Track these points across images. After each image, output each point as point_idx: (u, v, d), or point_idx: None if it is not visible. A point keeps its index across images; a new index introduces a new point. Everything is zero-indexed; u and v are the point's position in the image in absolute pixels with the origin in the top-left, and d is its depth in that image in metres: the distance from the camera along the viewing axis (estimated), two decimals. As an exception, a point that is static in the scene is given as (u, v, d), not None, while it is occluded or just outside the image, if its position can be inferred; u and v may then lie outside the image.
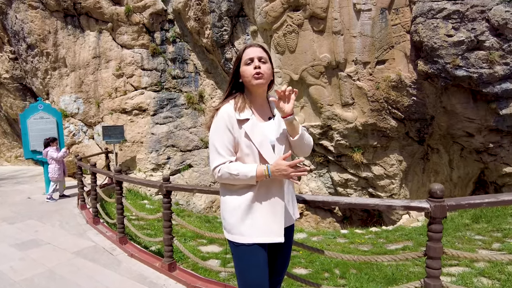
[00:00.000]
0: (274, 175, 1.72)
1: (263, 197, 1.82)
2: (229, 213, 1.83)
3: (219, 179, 1.80)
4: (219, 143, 1.78)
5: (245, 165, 1.76)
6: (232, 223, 1.81)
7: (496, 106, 7.05)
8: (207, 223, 8.26)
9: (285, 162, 1.70)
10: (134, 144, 9.23)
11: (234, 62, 1.92)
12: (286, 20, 8.37)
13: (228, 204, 1.84)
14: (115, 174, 4.46)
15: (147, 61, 9.48)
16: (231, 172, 1.74)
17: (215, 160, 1.79)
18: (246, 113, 1.81)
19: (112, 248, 4.56)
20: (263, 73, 1.82)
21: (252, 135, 1.78)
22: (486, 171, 8.18)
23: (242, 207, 1.79)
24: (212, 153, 1.82)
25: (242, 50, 1.88)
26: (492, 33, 6.67)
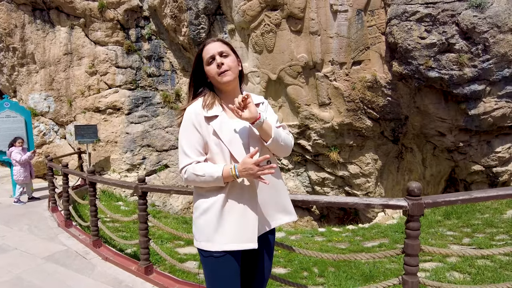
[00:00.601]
0: (242, 175, 1.59)
1: (235, 199, 1.67)
2: (198, 218, 1.69)
3: (186, 181, 1.67)
4: (186, 144, 1.69)
5: (211, 165, 1.65)
6: (201, 228, 1.68)
7: (466, 106, 7.33)
8: (184, 224, 8.13)
9: (252, 160, 1.56)
10: (108, 144, 8.95)
11: (194, 61, 1.80)
12: (264, 20, 8.36)
13: (198, 207, 1.71)
14: (88, 175, 4.29)
15: (121, 58, 9.21)
16: (197, 173, 1.62)
17: (182, 161, 1.69)
18: (215, 109, 1.69)
19: (85, 252, 4.39)
20: (228, 68, 1.70)
21: (220, 132, 1.66)
22: (456, 169, 8.49)
23: (211, 211, 1.65)
24: (180, 155, 1.72)
25: (201, 49, 1.76)
26: (461, 37, 6.93)
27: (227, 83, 1.72)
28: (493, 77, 7.03)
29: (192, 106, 1.71)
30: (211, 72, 1.71)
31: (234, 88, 1.80)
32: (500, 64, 6.94)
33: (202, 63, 1.76)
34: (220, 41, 1.75)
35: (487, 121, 7.34)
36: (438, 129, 7.98)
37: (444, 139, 8.04)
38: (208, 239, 1.65)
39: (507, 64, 6.97)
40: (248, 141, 1.71)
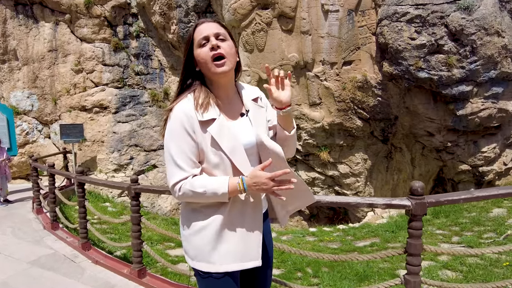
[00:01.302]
0: (251, 189, 1.34)
1: (236, 215, 1.43)
2: (194, 236, 1.44)
3: (181, 198, 1.39)
4: (177, 153, 1.37)
5: (213, 179, 1.38)
6: (198, 247, 1.44)
7: (454, 107, 7.44)
8: (173, 225, 8.00)
9: (264, 174, 1.31)
10: (95, 144, 8.73)
11: (185, 46, 1.44)
12: (254, 18, 8.30)
13: (191, 224, 1.46)
14: (77, 176, 4.14)
15: (108, 56, 9.00)
16: (196, 190, 1.35)
17: (173, 175, 1.38)
18: (211, 111, 1.38)
19: (74, 255, 4.24)
20: (225, 54, 1.37)
21: (220, 140, 1.37)
22: (444, 168, 8.63)
23: (209, 230, 1.41)
24: (169, 166, 1.39)
25: (193, 28, 1.42)
26: (450, 38, 7.03)
27: (223, 74, 1.39)
28: (480, 78, 7.16)
29: (181, 105, 1.38)
30: (202, 56, 1.37)
31: (229, 81, 1.48)
32: (486, 65, 7.07)
33: (192, 46, 1.42)
34: (217, 22, 1.44)
35: (474, 122, 7.47)
36: (427, 129, 8.08)
37: (432, 139, 8.15)
38: (207, 259, 1.43)
39: (493, 66, 7.11)
40: (256, 147, 1.48)
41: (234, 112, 1.49)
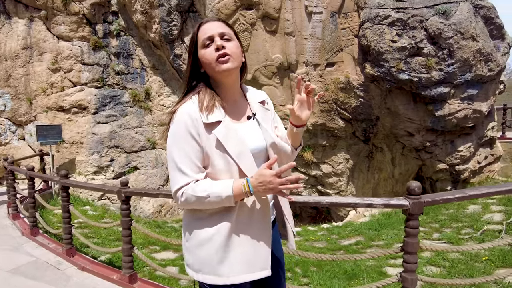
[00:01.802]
0: (257, 190, 1.27)
1: (245, 221, 1.36)
2: (198, 247, 1.37)
3: (184, 204, 1.33)
4: (180, 157, 1.31)
5: (216, 183, 1.31)
6: (203, 260, 1.36)
7: (433, 108, 7.70)
8: (157, 228, 7.85)
9: (269, 171, 1.25)
10: (73, 145, 8.43)
11: (189, 47, 1.40)
12: (238, 19, 8.28)
13: (195, 234, 1.38)
14: (61, 179, 3.98)
15: (87, 55, 8.71)
16: (198, 194, 1.28)
17: (176, 181, 1.32)
18: (216, 113, 1.33)
19: (58, 262, 4.07)
20: (230, 54, 1.33)
21: (226, 143, 1.32)
22: (423, 167, 8.90)
23: (216, 239, 1.33)
24: (171, 172, 1.34)
25: (197, 28, 1.38)
26: (429, 41, 7.27)
27: (227, 71, 1.34)
28: (457, 80, 7.45)
29: (184, 107, 1.33)
30: (206, 57, 1.33)
31: (235, 81, 1.44)
32: (462, 68, 7.36)
33: (196, 46, 1.38)
34: (221, 21, 1.40)
35: (451, 122, 7.76)
36: (407, 129, 8.32)
37: (412, 139, 8.39)
38: (214, 272, 1.35)
39: (468, 69, 7.41)
40: (264, 152, 1.43)
41: (240, 115, 1.45)
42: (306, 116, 1.45)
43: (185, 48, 8.99)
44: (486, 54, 7.38)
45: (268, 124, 1.50)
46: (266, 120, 1.50)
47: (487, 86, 7.79)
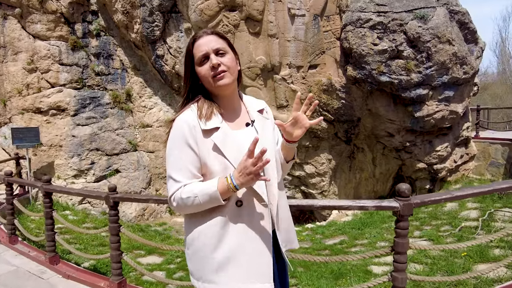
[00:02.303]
0: (239, 182, 1.26)
1: (242, 231, 1.34)
2: (195, 253, 1.38)
3: (178, 209, 1.36)
4: (174, 165, 1.35)
5: (202, 182, 1.34)
6: (200, 266, 1.36)
7: (412, 109, 7.93)
8: (140, 232, 7.72)
9: (243, 158, 1.26)
10: (52, 148, 8.16)
11: (185, 62, 1.44)
12: (222, 20, 8.25)
13: (194, 242, 1.38)
14: (44, 185, 3.86)
15: (66, 55, 8.45)
16: (185, 195, 1.30)
17: (169, 188, 1.37)
18: (214, 120, 1.36)
19: (40, 271, 3.93)
20: (226, 69, 1.37)
21: (224, 148, 1.34)
22: (403, 167, 9.16)
23: (211, 243, 1.33)
24: (167, 180, 1.40)
25: (191, 43, 1.41)
26: (408, 45, 7.49)
27: (224, 87, 1.38)
28: (435, 82, 7.71)
29: (183, 116, 1.36)
30: (203, 74, 1.38)
31: (233, 91, 1.47)
32: (440, 71, 7.62)
33: (192, 61, 1.42)
34: (215, 34, 1.42)
35: (429, 122, 8.02)
36: (388, 130, 8.54)
37: (392, 139, 8.62)
38: (210, 279, 1.35)
39: (445, 71, 7.68)
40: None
41: (238, 122, 1.47)
42: (298, 134, 1.45)
43: (167, 49, 8.89)
44: (462, 58, 7.67)
45: (267, 132, 1.51)
46: (265, 128, 1.51)
47: (462, 88, 8.10)
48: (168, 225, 8.61)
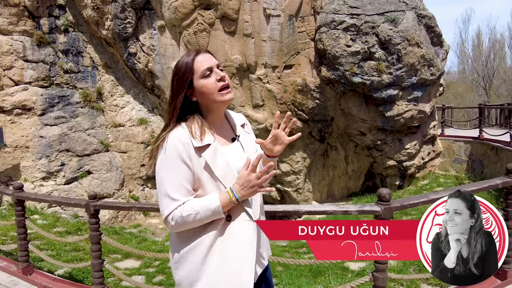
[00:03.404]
0: (241, 194, 1.34)
1: (230, 235, 1.40)
2: (183, 267, 1.41)
3: (176, 228, 1.37)
4: (171, 184, 1.35)
5: (201, 198, 1.37)
6: (187, 277, 1.40)
7: (383, 109, 8.23)
8: (115, 235, 7.54)
9: (245, 172, 1.35)
10: (17, 150, 7.74)
11: (182, 77, 1.42)
12: (197, 18, 8.15)
13: (186, 253, 1.41)
14: (15, 192, 3.68)
15: (31, 51, 8.02)
16: (186, 213, 1.33)
17: (166, 207, 1.35)
18: (206, 137, 1.40)
19: (12, 283, 3.76)
20: (230, 85, 1.45)
21: (214, 166, 1.38)
22: (374, 164, 9.50)
23: (204, 254, 1.38)
24: (161, 198, 1.37)
25: (191, 60, 1.42)
26: (380, 47, 7.75)
27: (226, 102, 1.45)
28: (404, 83, 8.04)
29: (175, 133, 1.38)
30: (209, 87, 1.40)
31: (223, 109, 1.55)
32: (409, 72, 7.96)
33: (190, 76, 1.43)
34: (209, 52, 1.49)
35: (399, 122, 8.36)
36: (360, 129, 8.81)
37: (364, 138, 8.91)
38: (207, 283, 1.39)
39: (414, 73, 8.03)
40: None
41: (225, 137, 1.54)
42: (278, 150, 1.54)
43: (140, 47, 8.66)
44: (429, 60, 8.04)
45: (251, 146, 1.59)
46: (249, 143, 1.60)
47: (429, 89, 8.51)
48: (143, 227, 8.45)
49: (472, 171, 9.15)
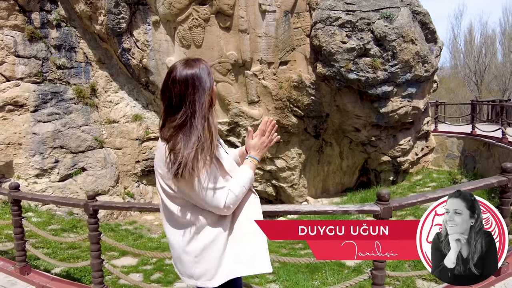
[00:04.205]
0: (260, 155, 1.72)
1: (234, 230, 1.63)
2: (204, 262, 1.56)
3: (232, 209, 1.58)
4: (211, 178, 1.50)
5: (238, 175, 1.61)
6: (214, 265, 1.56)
7: (378, 105, 8.28)
8: (111, 232, 7.52)
9: (256, 139, 1.71)
10: (10, 147, 7.64)
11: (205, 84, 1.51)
12: (192, 13, 8.08)
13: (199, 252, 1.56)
14: (11, 192, 3.65)
15: (22, 46, 7.88)
16: (239, 193, 1.56)
17: (220, 198, 1.51)
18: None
19: (10, 283, 3.74)
20: None
21: (223, 160, 1.60)
22: (369, 160, 9.57)
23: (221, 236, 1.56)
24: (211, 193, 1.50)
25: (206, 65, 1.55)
26: (375, 43, 7.77)
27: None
28: (399, 80, 8.09)
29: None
30: (216, 91, 1.66)
31: None
32: (404, 69, 8.00)
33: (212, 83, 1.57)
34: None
35: (394, 118, 8.43)
36: (354, 125, 8.86)
37: (359, 134, 8.96)
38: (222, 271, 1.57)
39: (409, 69, 8.08)
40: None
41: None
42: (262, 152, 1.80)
43: (134, 42, 8.57)
44: (423, 56, 8.10)
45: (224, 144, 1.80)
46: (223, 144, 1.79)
47: (423, 85, 8.57)
48: (139, 224, 8.44)
49: (464, 167, 9.28)
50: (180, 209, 1.57)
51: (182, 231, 1.58)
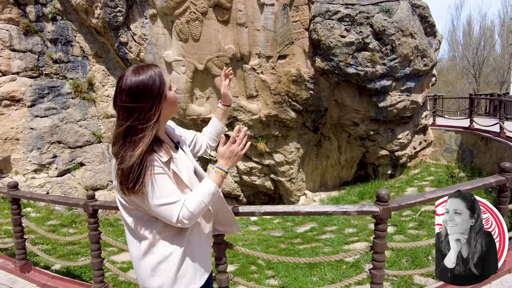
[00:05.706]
0: (229, 166, 1.53)
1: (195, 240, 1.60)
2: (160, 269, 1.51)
3: (191, 223, 1.47)
4: (165, 192, 1.41)
5: (198, 188, 1.49)
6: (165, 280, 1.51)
7: (376, 99, 8.27)
8: (110, 227, 7.56)
9: (225, 147, 1.51)
10: (7, 142, 7.60)
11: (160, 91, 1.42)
12: (189, 7, 7.98)
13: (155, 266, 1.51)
14: (10, 190, 3.64)
15: (18, 40, 7.79)
16: (194, 207, 1.43)
17: (172, 212, 1.41)
18: (166, 151, 1.49)
19: (11, 281, 3.75)
20: None
21: (181, 174, 1.50)
22: (367, 154, 9.59)
23: (176, 252, 1.52)
24: (162, 208, 1.41)
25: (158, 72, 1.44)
26: (374, 37, 7.72)
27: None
28: (398, 74, 8.06)
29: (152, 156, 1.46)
30: (173, 99, 1.50)
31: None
32: (403, 63, 7.97)
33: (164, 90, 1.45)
34: None
35: (392, 112, 8.42)
36: (353, 120, 8.86)
37: (357, 128, 8.97)
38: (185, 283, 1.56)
39: (408, 64, 8.05)
40: (196, 168, 1.69)
41: (170, 145, 1.59)
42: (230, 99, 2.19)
43: (131, 36, 8.48)
44: (422, 50, 8.06)
45: (187, 149, 1.75)
46: (184, 145, 1.76)
47: (422, 79, 8.55)
48: (138, 218, 8.46)
49: (462, 161, 9.32)
50: (135, 222, 1.50)
51: (138, 244, 1.52)
